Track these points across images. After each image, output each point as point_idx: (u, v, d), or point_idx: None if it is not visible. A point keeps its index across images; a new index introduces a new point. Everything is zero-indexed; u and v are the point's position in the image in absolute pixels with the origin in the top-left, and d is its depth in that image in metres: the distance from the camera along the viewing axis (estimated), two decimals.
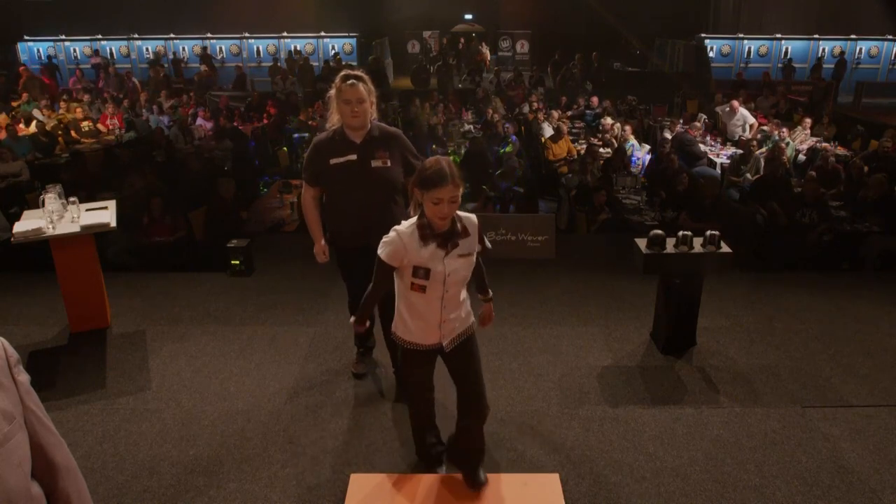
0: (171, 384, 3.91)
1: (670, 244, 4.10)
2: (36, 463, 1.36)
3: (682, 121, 10.52)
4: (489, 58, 18.50)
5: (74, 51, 18.44)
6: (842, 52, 16.67)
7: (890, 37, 16.97)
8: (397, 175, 3.44)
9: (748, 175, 8.19)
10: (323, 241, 3.57)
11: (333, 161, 3.32)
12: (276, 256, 6.03)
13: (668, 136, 9.35)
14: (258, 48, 18.26)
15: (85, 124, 10.80)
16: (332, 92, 3.29)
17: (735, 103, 10.31)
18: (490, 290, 2.98)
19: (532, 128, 10.87)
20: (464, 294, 2.69)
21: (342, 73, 3.26)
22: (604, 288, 5.35)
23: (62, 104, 12.15)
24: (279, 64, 17.02)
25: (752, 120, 10.09)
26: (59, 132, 10.23)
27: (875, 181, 6.62)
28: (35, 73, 14.77)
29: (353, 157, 3.32)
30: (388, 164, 3.39)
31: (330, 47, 18.03)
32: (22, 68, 14.44)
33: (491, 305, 3.02)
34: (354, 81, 3.20)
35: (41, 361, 4.20)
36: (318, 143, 3.39)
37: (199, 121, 11.13)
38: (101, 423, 3.52)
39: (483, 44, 18.93)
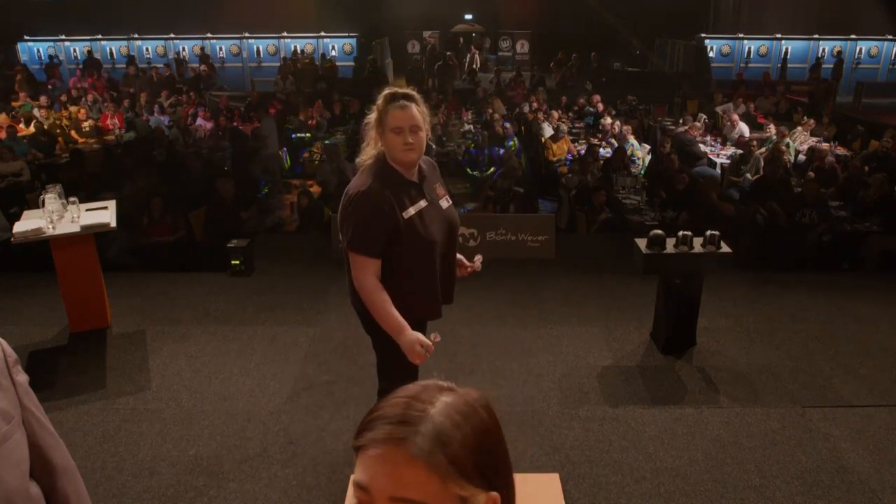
0: (171, 384, 3.91)
1: (670, 244, 4.10)
2: (34, 463, 1.36)
3: (691, 119, 10.47)
4: (478, 60, 18.36)
5: (74, 51, 18.43)
6: (839, 52, 16.65)
7: (890, 37, 16.96)
8: None
9: (748, 175, 8.18)
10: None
11: (409, 213, 2.41)
12: (276, 256, 6.03)
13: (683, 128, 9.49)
14: (258, 48, 18.26)
15: (85, 124, 10.79)
16: (372, 117, 2.43)
17: (735, 117, 10.28)
18: None
19: (532, 128, 10.87)
20: None
21: (386, 92, 2.41)
22: (604, 288, 5.35)
23: (63, 108, 12.15)
24: (288, 61, 16.99)
25: (748, 135, 10.08)
26: (58, 132, 10.23)
27: (875, 181, 6.62)
28: None
29: (423, 202, 2.47)
30: (451, 202, 2.65)
31: (330, 47, 18.03)
32: None
33: None
34: (406, 103, 2.35)
35: (41, 361, 4.20)
36: (376, 194, 2.35)
37: (199, 121, 11.13)
38: (101, 423, 3.52)
39: (472, 47, 18.73)
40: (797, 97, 13.50)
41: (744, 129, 10.17)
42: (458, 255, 2.82)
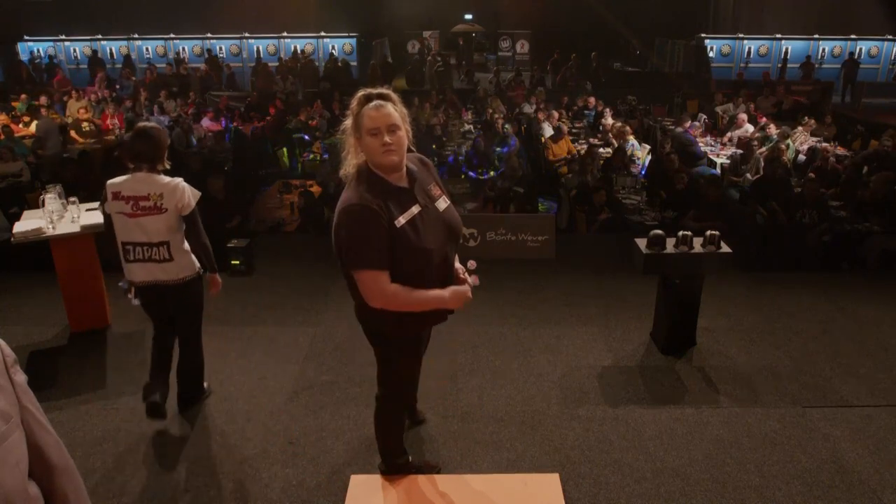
0: (170, 384, 3.90)
1: (670, 244, 4.09)
2: (33, 463, 1.36)
3: (689, 119, 10.46)
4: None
5: (74, 51, 18.45)
6: (851, 53, 16.59)
7: (890, 37, 16.98)
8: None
9: (748, 175, 8.19)
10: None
11: (400, 222, 2.30)
12: (276, 256, 6.03)
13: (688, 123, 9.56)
14: (258, 48, 18.27)
15: (85, 124, 10.79)
16: (348, 123, 2.34)
17: (742, 116, 10.26)
18: None
19: (532, 128, 10.87)
20: None
21: (360, 94, 2.32)
22: (604, 288, 5.35)
23: (70, 102, 12.15)
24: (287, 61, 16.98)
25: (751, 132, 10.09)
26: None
27: (876, 181, 6.61)
28: None
29: (416, 208, 2.35)
30: (450, 201, 2.52)
31: (330, 47, 18.04)
32: None
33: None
34: (381, 102, 2.27)
35: (41, 361, 4.19)
36: (366, 205, 2.24)
37: (205, 121, 11.14)
38: (101, 423, 3.52)
39: (439, 56, 18.47)
40: (797, 97, 13.53)
41: (749, 128, 10.18)
42: (456, 265, 2.67)
